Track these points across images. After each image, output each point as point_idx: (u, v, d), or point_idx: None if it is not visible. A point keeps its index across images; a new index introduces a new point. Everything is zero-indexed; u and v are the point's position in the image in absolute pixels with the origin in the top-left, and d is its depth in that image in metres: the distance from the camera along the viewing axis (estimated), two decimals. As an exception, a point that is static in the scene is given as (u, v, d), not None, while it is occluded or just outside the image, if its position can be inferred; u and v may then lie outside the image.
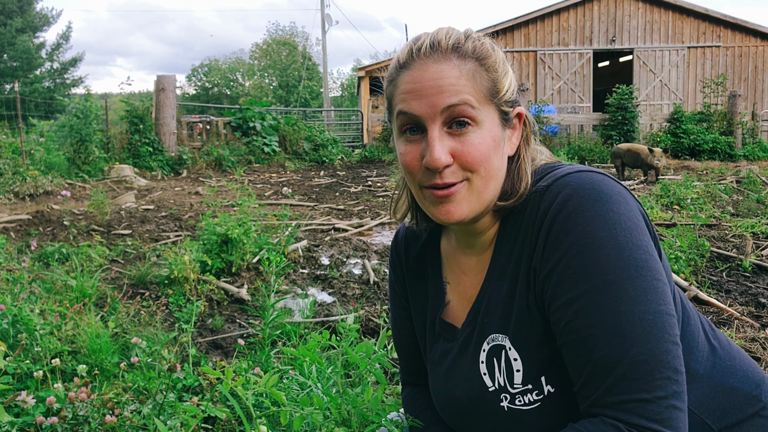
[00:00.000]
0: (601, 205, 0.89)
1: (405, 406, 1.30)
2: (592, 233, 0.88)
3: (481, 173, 0.96)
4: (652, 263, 0.88)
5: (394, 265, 1.29)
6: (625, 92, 15.64)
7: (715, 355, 1.06)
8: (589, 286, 0.87)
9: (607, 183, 0.93)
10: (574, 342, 0.88)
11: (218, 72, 59.72)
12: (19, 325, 2.35)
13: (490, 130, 0.97)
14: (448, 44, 0.96)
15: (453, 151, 0.95)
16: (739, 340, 2.91)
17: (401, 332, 1.30)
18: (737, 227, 5.47)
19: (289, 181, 11.76)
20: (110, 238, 5.74)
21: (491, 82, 0.97)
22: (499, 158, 0.99)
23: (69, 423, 1.71)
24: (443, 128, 0.95)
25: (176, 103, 14.12)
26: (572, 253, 0.89)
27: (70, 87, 36.63)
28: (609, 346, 0.85)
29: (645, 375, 0.83)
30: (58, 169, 10.54)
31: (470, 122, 0.95)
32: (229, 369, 1.24)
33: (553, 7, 21.10)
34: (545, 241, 0.92)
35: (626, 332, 0.84)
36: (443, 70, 0.94)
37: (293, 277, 4.45)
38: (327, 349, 2.50)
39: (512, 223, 1.01)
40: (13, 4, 33.75)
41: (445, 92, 0.93)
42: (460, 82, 0.94)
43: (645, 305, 0.85)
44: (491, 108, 0.97)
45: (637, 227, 0.90)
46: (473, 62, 0.96)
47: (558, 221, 0.91)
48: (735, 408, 1.04)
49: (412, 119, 0.97)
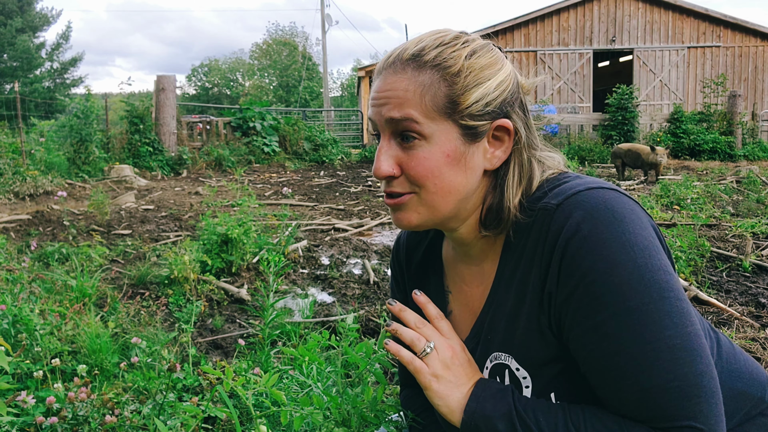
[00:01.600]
0: (617, 226, 0.86)
1: (403, 407, 1.30)
2: (609, 257, 0.84)
3: (429, 188, 0.95)
4: (673, 283, 0.85)
5: (395, 271, 1.27)
6: (625, 92, 15.64)
7: (721, 359, 1.05)
8: (610, 313, 0.84)
9: (620, 201, 0.89)
10: (599, 371, 0.86)
11: (218, 72, 59.72)
12: (19, 325, 2.35)
13: (442, 146, 0.93)
14: (410, 54, 0.94)
15: (400, 162, 0.96)
16: (739, 340, 2.91)
17: None
18: (737, 227, 5.47)
19: (289, 181, 11.76)
20: (110, 238, 5.74)
21: (447, 95, 0.93)
22: (459, 173, 0.95)
23: (69, 423, 1.71)
24: (395, 139, 0.96)
25: (176, 103, 14.12)
26: (591, 278, 0.85)
27: (70, 87, 36.64)
28: (636, 375, 0.82)
29: (679, 401, 0.81)
30: (58, 169, 10.54)
31: (417, 136, 0.93)
32: (229, 369, 1.24)
33: (553, 7, 21.10)
34: (559, 265, 0.88)
35: (653, 359, 0.82)
36: (395, 82, 0.94)
37: (293, 277, 4.45)
38: (327, 349, 2.50)
39: (518, 239, 0.97)
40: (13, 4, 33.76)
41: (390, 104, 0.94)
42: (407, 96, 0.92)
43: (671, 329, 0.82)
44: (446, 123, 0.93)
45: (654, 247, 0.87)
46: (429, 73, 0.93)
47: (573, 244, 0.87)
48: (740, 410, 1.03)
49: (374, 126, 0.99)
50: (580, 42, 21.29)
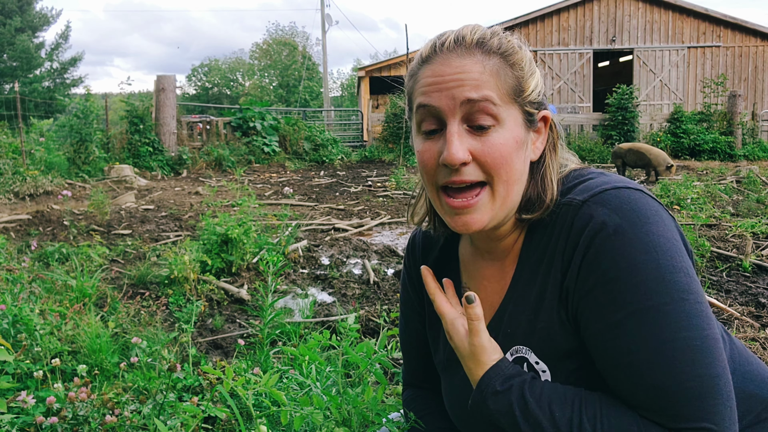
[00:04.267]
0: (641, 226, 0.86)
1: (406, 408, 1.30)
2: (631, 256, 0.84)
3: (502, 176, 0.93)
4: (694, 286, 0.85)
5: (410, 271, 1.26)
6: (625, 92, 15.65)
7: (734, 360, 1.05)
8: (629, 311, 0.84)
9: (645, 202, 0.89)
10: (615, 368, 0.86)
11: (218, 72, 59.72)
12: (20, 325, 2.34)
13: (513, 131, 0.93)
14: (473, 39, 0.94)
15: (473, 149, 0.92)
16: (739, 340, 2.91)
17: (409, 333, 1.28)
18: (737, 227, 5.47)
19: (289, 181, 11.76)
20: (110, 238, 5.74)
21: (516, 80, 0.94)
22: (521, 161, 0.95)
23: (69, 423, 1.71)
24: (463, 125, 0.92)
25: (176, 103, 14.13)
26: (611, 276, 0.85)
27: (70, 87, 36.61)
28: (653, 374, 0.82)
29: (695, 402, 0.81)
30: (58, 169, 10.54)
31: (491, 121, 0.92)
32: (229, 369, 1.24)
33: (553, 7, 21.09)
34: (581, 261, 0.89)
35: (670, 359, 0.81)
36: (466, 64, 0.92)
37: (293, 277, 4.45)
38: (327, 349, 2.50)
39: (540, 234, 0.97)
40: (13, 3, 33.74)
41: (467, 86, 0.91)
42: (483, 77, 0.91)
43: (689, 331, 0.82)
44: (515, 107, 0.94)
45: (677, 249, 0.87)
46: (498, 59, 0.93)
47: (596, 242, 0.87)
48: (751, 412, 1.03)
49: (432, 112, 0.94)
50: (580, 42, 21.28)
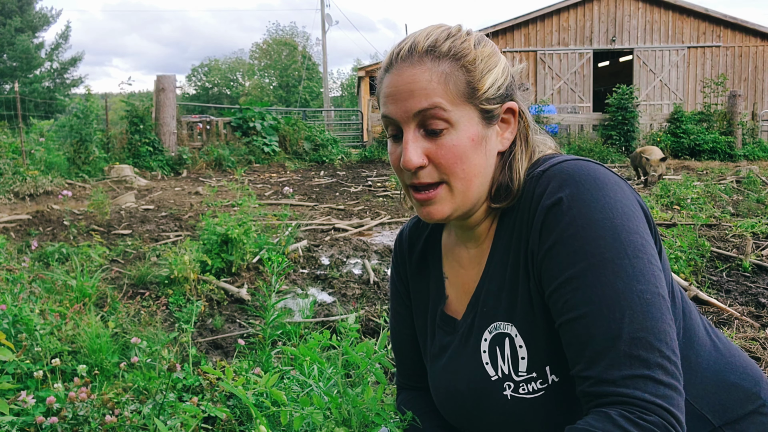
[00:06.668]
0: (598, 190, 0.91)
1: (400, 409, 1.29)
2: (588, 215, 0.89)
3: (458, 174, 0.99)
4: (648, 249, 0.89)
5: (397, 263, 1.29)
6: (625, 92, 15.64)
7: (717, 350, 1.07)
8: (586, 264, 0.88)
9: (603, 171, 0.95)
10: (573, 320, 0.88)
11: (218, 72, 59.72)
12: (20, 325, 2.34)
13: (467, 131, 0.98)
14: (423, 47, 0.98)
15: (428, 152, 0.98)
16: (739, 340, 2.91)
17: (401, 331, 1.29)
18: (737, 227, 5.47)
19: (289, 181, 11.76)
20: (110, 238, 5.74)
21: (468, 81, 0.98)
22: (480, 156, 1.00)
23: (69, 423, 1.71)
24: (419, 130, 0.98)
25: (176, 103, 14.12)
26: (569, 233, 0.90)
27: (70, 87, 36.62)
28: (608, 322, 0.85)
29: (646, 351, 0.83)
30: (58, 169, 10.53)
31: (444, 124, 0.97)
32: (230, 369, 1.24)
33: (553, 7, 21.09)
34: (541, 224, 0.94)
35: (625, 308, 0.85)
36: (416, 74, 0.97)
37: (293, 277, 4.45)
38: (327, 349, 2.50)
39: (510, 214, 1.03)
40: (13, 3, 33.74)
41: (416, 97, 0.96)
42: (431, 86, 0.96)
43: (643, 284, 0.86)
44: (469, 107, 0.98)
45: (634, 214, 0.91)
46: (448, 63, 0.97)
47: (555, 205, 0.92)
48: (735, 404, 1.04)
49: (391, 122, 1.01)
50: (580, 42, 21.28)
